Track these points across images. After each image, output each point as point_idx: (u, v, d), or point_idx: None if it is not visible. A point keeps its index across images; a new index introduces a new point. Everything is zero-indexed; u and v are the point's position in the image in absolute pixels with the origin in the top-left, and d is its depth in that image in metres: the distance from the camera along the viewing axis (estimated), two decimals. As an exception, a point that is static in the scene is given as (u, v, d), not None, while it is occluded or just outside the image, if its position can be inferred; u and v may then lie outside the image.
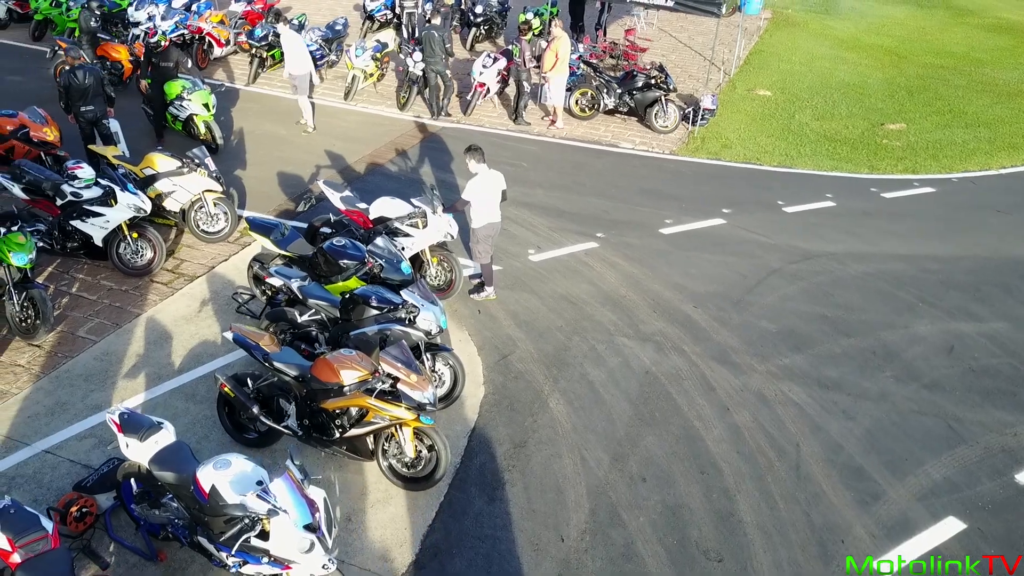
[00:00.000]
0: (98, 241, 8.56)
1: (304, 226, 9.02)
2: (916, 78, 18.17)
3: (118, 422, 5.44)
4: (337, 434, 6.17)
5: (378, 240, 7.89)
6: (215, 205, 9.46)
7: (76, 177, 8.45)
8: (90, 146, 10.50)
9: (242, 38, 15.47)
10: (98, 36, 13.75)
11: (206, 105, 11.73)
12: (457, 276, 8.66)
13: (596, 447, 6.87)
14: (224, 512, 4.80)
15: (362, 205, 8.83)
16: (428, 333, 6.95)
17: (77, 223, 8.45)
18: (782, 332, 8.57)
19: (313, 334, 7.22)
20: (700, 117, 13.92)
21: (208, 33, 15.48)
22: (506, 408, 7.28)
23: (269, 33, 14.87)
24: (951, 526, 6.26)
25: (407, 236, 8.41)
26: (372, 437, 6.22)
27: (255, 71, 15.04)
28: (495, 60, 14.05)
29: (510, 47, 14.68)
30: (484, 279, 8.82)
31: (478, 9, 17.68)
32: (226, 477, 4.90)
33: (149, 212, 8.72)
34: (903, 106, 16.23)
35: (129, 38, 14.87)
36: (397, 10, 17.73)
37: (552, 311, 8.72)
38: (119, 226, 8.51)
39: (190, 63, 14.91)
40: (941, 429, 7.29)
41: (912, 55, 20.16)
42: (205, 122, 11.81)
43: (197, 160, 9.33)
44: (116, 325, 7.99)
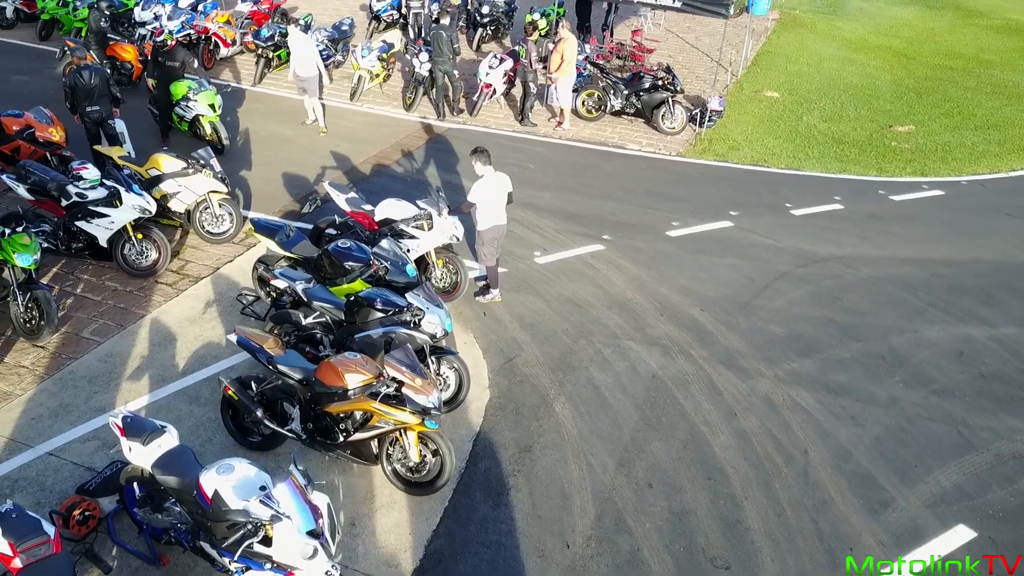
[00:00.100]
0: (103, 242, 8.55)
1: (309, 227, 8.99)
2: (925, 80, 18.06)
3: (121, 426, 5.42)
4: (341, 438, 6.13)
5: (383, 242, 7.85)
6: (220, 206, 9.44)
7: (81, 178, 8.44)
8: (95, 147, 10.50)
9: (248, 38, 15.48)
10: (108, 36, 13.75)
11: (212, 106, 11.72)
12: (462, 278, 8.61)
13: (602, 452, 6.82)
14: (227, 517, 4.77)
15: (367, 207, 8.80)
16: (433, 336, 6.92)
17: (82, 224, 8.43)
18: (790, 336, 8.50)
19: (318, 337, 7.20)
20: (707, 118, 13.84)
21: (214, 33, 15.46)
22: (511, 412, 7.23)
23: (275, 33, 14.87)
24: (961, 534, 6.18)
25: (412, 238, 8.38)
26: (376, 441, 6.18)
27: (261, 71, 15.04)
28: (501, 61, 14.01)
29: (516, 48, 14.63)
30: (489, 281, 8.77)
31: (484, 10, 17.63)
32: (229, 482, 4.86)
33: (154, 213, 8.70)
34: (912, 108, 16.13)
35: (136, 38, 14.88)
36: (403, 10, 17.72)
37: (558, 314, 8.67)
38: (124, 227, 8.50)
39: (196, 63, 14.94)
40: (951, 436, 7.21)
41: (921, 56, 20.04)
42: (211, 123, 11.80)
43: (202, 161, 9.32)
44: (120, 326, 7.97)
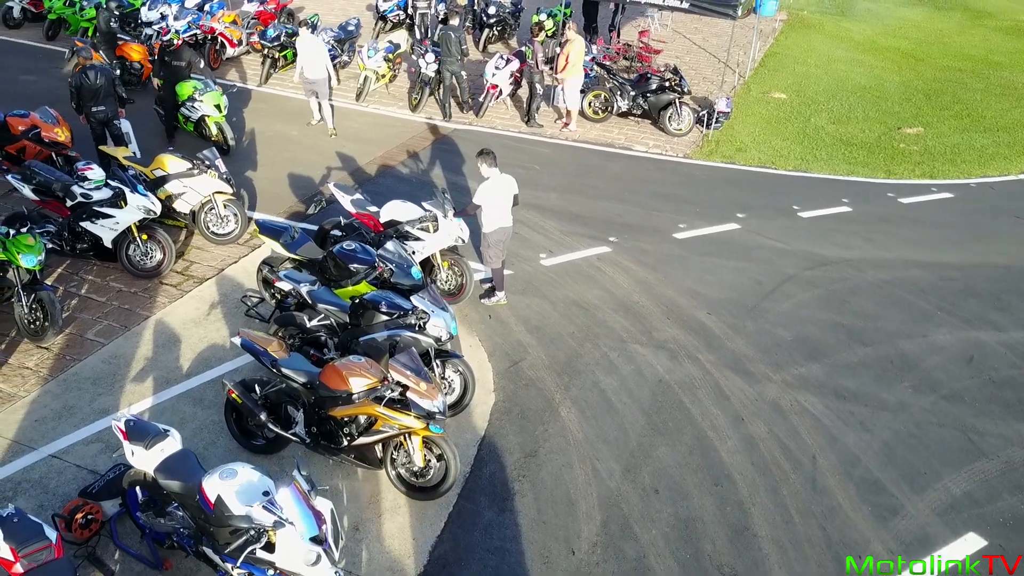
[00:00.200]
0: (107, 243, 8.53)
1: (314, 229, 8.95)
2: (933, 81, 17.94)
3: (124, 429, 5.40)
4: (345, 442, 6.09)
5: (388, 244, 7.80)
6: (225, 207, 9.42)
7: (86, 178, 8.43)
8: (101, 147, 10.50)
9: (254, 38, 15.48)
10: (117, 37, 13.75)
11: (218, 106, 11.70)
12: (468, 281, 8.56)
13: (608, 457, 6.76)
14: (229, 523, 4.73)
15: (373, 208, 8.77)
16: (438, 339, 6.87)
17: (87, 224, 8.42)
18: (798, 340, 8.43)
19: (322, 339, 7.16)
20: (714, 120, 13.76)
21: (220, 33, 15.47)
22: (517, 416, 7.18)
23: (281, 33, 14.85)
24: (972, 542, 6.11)
25: (418, 240, 8.34)
26: (381, 445, 6.14)
27: (267, 71, 15.02)
28: (508, 62, 13.96)
29: (523, 49, 14.58)
30: (495, 284, 8.73)
31: (491, 10, 17.60)
32: (232, 487, 4.83)
33: (159, 214, 8.69)
34: (920, 110, 16.02)
35: (143, 37, 14.88)
36: (410, 11, 17.70)
37: (564, 317, 8.62)
38: (129, 228, 8.49)
39: (202, 63, 14.93)
40: (961, 442, 7.14)
41: (929, 58, 19.92)
42: (217, 123, 11.78)
43: (207, 162, 9.30)
44: (125, 328, 7.95)
